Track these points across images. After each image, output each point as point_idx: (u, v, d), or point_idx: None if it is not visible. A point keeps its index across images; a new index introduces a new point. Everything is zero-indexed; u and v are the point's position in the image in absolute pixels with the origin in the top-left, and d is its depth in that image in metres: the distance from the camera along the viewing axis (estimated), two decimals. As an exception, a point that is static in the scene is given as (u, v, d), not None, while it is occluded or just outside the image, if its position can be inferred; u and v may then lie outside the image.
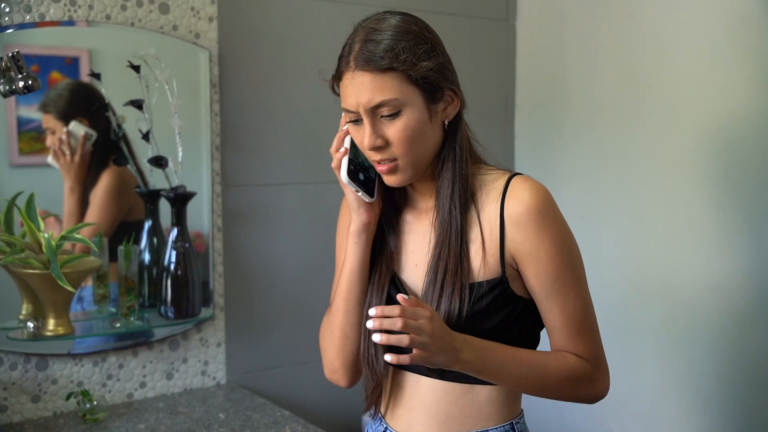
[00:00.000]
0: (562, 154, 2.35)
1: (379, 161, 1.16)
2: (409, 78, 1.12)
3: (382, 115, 1.13)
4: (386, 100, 1.11)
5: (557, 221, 1.17)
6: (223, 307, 2.00)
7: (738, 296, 1.90)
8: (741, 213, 1.89)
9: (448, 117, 1.18)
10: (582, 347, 1.20)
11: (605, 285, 2.22)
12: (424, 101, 1.14)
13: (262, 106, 2.05)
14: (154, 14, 1.85)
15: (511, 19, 2.50)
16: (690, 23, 1.98)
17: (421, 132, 1.14)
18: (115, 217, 1.88)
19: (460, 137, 1.20)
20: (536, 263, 1.16)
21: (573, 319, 1.19)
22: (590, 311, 1.22)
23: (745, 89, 1.88)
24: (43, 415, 1.78)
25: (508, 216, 1.16)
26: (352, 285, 1.25)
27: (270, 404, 1.87)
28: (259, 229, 2.06)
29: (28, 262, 1.62)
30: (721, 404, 1.95)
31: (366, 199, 1.22)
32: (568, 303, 1.18)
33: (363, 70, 1.12)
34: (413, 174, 1.18)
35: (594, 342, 1.22)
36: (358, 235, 1.24)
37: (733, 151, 1.90)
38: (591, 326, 1.22)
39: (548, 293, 1.18)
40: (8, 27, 1.69)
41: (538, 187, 1.17)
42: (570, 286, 1.18)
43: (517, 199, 1.16)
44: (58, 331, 1.69)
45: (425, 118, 1.15)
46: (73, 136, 1.79)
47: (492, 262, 1.17)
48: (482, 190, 1.20)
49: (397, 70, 1.11)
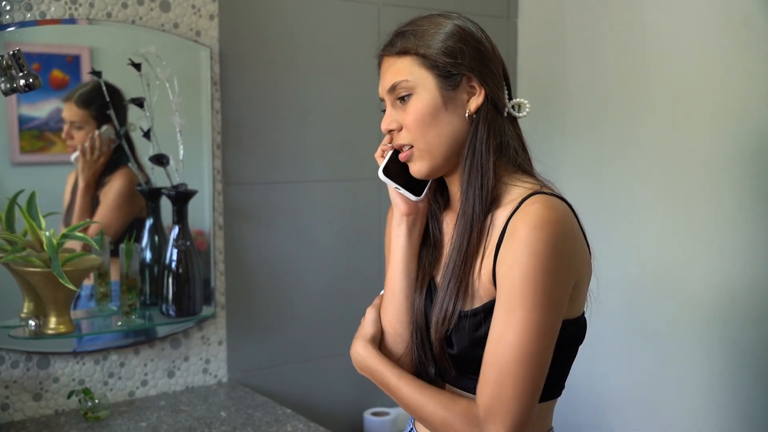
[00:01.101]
0: (563, 152, 2.35)
1: (398, 147, 1.18)
2: (423, 61, 1.14)
3: (398, 97, 1.16)
4: (398, 81, 1.15)
5: (541, 256, 1.05)
6: (224, 305, 2.00)
7: (741, 295, 1.90)
8: (744, 211, 1.89)
9: (470, 109, 1.16)
10: (485, 392, 1.07)
11: (607, 284, 2.22)
12: (438, 86, 1.14)
13: (263, 104, 2.04)
14: (155, 12, 1.85)
15: (513, 16, 2.49)
16: (691, 21, 1.98)
17: (432, 116, 1.14)
18: (125, 219, 1.88)
19: (484, 133, 1.16)
20: (498, 288, 1.09)
21: (498, 359, 1.06)
22: (525, 363, 1.04)
23: (746, 86, 1.88)
24: (45, 414, 1.78)
25: (507, 233, 1.09)
26: (397, 279, 1.24)
27: (271, 402, 1.87)
28: (260, 227, 2.06)
29: (29, 261, 1.62)
30: (723, 402, 1.95)
31: (411, 198, 1.22)
32: (503, 342, 1.05)
33: (384, 55, 1.19)
34: (432, 163, 1.17)
35: (501, 395, 1.05)
36: (398, 227, 1.25)
37: (736, 149, 1.90)
38: (512, 377, 1.05)
39: (493, 321, 1.08)
40: (9, 25, 1.68)
41: (545, 211, 1.07)
42: (514, 326, 1.05)
43: (520, 215, 1.08)
44: (60, 329, 1.69)
45: (438, 103, 1.14)
46: (102, 137, 1.80)
47: (486, 283, 1.12)
48: (502, 205, 1.15)
49: (410, 52, 1.15)
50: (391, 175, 1.21)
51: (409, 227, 1.24)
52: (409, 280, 1.23)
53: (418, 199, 1.22)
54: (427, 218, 1.27)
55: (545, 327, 1.06)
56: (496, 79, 1.18)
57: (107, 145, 1.82)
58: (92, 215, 1.83)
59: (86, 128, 1.80)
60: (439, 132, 1.15)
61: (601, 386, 2.24)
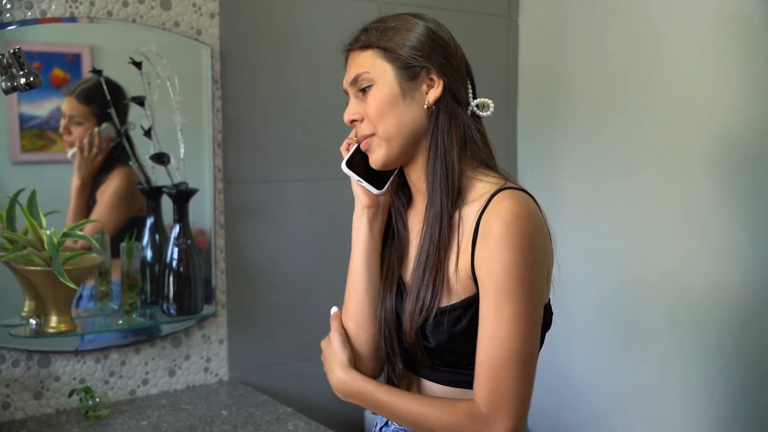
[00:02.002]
0: (564, 150, 2.35)
1: (361, 138, 1.22)
2: (384, 54, 1.18)
3: (359, 89, 1.20)
4: (359, 72, 1.19)
5: (520, 250, 1.08)
6: (225, 303, 2.00)
7: (742, 293, 1.90)
8: (744, 210, 1.89)
9: (429, 100, 1.18)
10: (484, 388, 1.10)
11: (608, 282, 2.22)
12: (397, 77, 1.18)
13: (263, 103, 2.04)
14: (156, 10, 1.85)
15: (513, 15, 2.49)
16: (692, 19, 1.98)
17: (390, 105, 1.18)
18: (122, 218, 1.88)
19: (445, 123, 1.18)
20: (481, 286, 1.11)
21: (492, 355, 1.09)
22: (519, 355, 1.08)
23: (747, 85, 1.87)
24: (46, 412, 1.78)
25: (481, 231, 1.11)
26: (358, 271, 1.28)
27: (272, 401, 1.87)
28: (261, 225, 2.06)
29: (30, 259, 1.62)
30: (724, 401, 1.95)
31: (373, 191, 1.26)
32: (496, 338, 1.08)
33: (349, 50, 1.23)
34: (388, 152, 1.19)
35: (500, 389, 1.09)
36: (358, 219, 1.30)
37: (737, 148, 1.90)
38: (509, 370, 1.08)
39: (482, 320, 1.11)
40: (10, 24, 1.68)
41: (516, 206, 1.10)
42: (505, 321, 1.08)
43: (493, 212, 1.11)
44: (61, 328, 1.69)
45: (396, 93, 1.18)
46: (102, 135, 1.80)
47: (464, 279, 1.14)
48: (469, 200, 1.17)
49: (372, 46, 1.19)
50: (355, 168, 1.25)
51: (370, 220, 1.28)
52: (370, 272, 1.27)
53: (379, 193, 1.26)
54: (390, 216, 1.30)
55: (532, 317, 1.10)
56: (458, 74, 1.21)
57: (106, 144, 1.82)
58: (88, 214, 1.82)
59: (85, 125, 1.80)
60: (397, 120, 1.18)
61: (602, 385, 2.24)
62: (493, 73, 2.45)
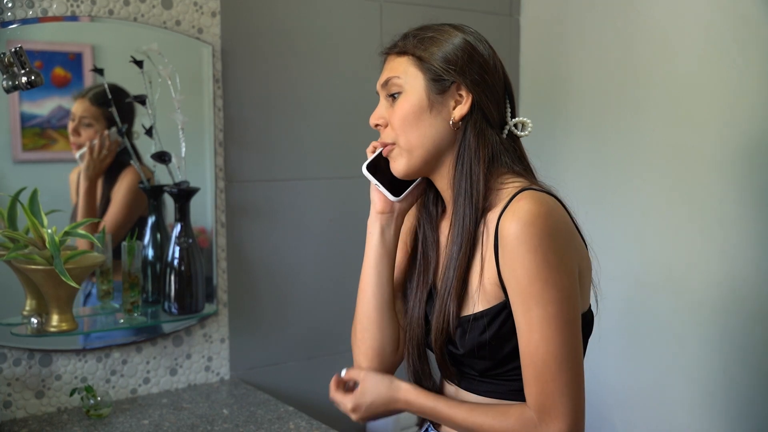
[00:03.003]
0: (565, 149, 2.35)
1: (382, 144, 1.22)
2: (418, 63, 1.17)
3: (389, 94, 1.20)
4: (391, 76, 1.19)
5: (540, 250, 1.06)
6: (226, 302, 2.00)
7: (744, 291, 1.89)
8: (746, 207, 1.88)
9: (454, 116, 1.17)
10: (532, 392, 1.10)
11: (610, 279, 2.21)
12: (426, 89, 1.17)
13: (265, 101, 2.04)
14: (157, 9, 1.85)
15: (515, 13, 2.49)
16: (693, 18, 1.98)
17: (415, 117, 1.17)
18: (135, 216, 1.88)
19: (473, 142, 1.16)
20: (509, 292, 1.10)
21: (532, 360, 1.09)
22: (557, 356, 1.08)
23: (748, 82, 1.87)
24: (47, 411, 1.78)
25: (500, 235, 1.10)
26: (368, 277, 1.28)
27: (274, 400, 1.87)
28: (262, 224, 2.05)
29: (31, 258, 1.62)
30: (725, 399, 1.94)
31: (389, 197, 1.25)
32: (531, 342, 1.08)
33: (387, 53, 1.23)
34: (409, 163, 1.19)
35: (546, 392, 1.09)
36: (372, 224, 1.28)
37: (737, 144, 1.90)
38: (551, 372, 1.08)
39: (517, 326, 1.11)
40: (11, 22, 1.68)
41: (533, 205, 1.08)
42: (536, 324, 1.07)
43: (509, 214, 1.09)
44: (62, 326, 1.69)
45: (424, 105, 1.17)
46: (111, 137, 1.80)
47: (490, 287, 1.13)
48: (492, 208, 1.15)
49: (407, 53, 1.19)
50: (377, 172, 1.24)
51: (382, 226, 1.27)
52: (380, 278, 1.27)
53: (395, 200, 1.25)
54: (423, 225, 1.28)
55: (565, 317, 1.08)
56: (492, 92, 1.18)
57: (115, 146, 1.83)
58: (98, 214, 1.83)
59: (96, 126, 1.81)
60: (420, 133, 1.17)
61: (603, 383, 2.24)
62: (495, 71, 2.45)
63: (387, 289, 1.27)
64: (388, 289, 1.27)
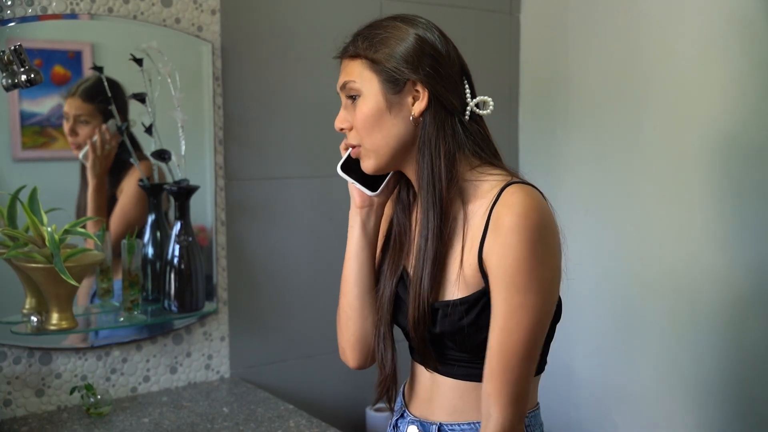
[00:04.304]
0: (565, 147, 2.34)
1: (349, 146, 1.24)
2: (370, 65, 1.19)
3: (348, 96, 1.21)
4: (347, 80, 1.21)
5: (531, 241, 1.10)
6: (226, 300, 2.00)
7: (742, 290, 1.89)
8: (744, 206, 1.88)
9: (414, 113, 1.18)
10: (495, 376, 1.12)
11: (608, 279, 2.22)
12: (382, 90, 1.18)
13: (265, 99, 2.04)
14: (157, 7, 1.85)
15: (515, 11, 2.49)
16: (693, 16, 1.97)
17: (376, 119, 1.19)
18: (143, 213, 1.88)
19: (433, 135, 1.18)
20: (492, 278, 1.13)
21: (502, 347, 1.11)
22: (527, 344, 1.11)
23: (748, 82, 1.87)
24: (47, 409, 1.78)
25: (492, 224, 1.13)
26: (350, 268, 1.32)
27: (274, 398, 1.87)
28: (262, 222, 2.05)
29: (31, 256, 1.62)
30: (724, 398, 1.95)
31: (367, 193, 1.29)
32: (506, 328, 1.11)
33: (341, 57, 1.24)
34: (378, 162, 1.21)
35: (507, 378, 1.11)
36: (352, 218, 1.32)
37: (736, 144, 1.90)
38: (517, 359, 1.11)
39: (493, 311, 1.13)
40: (10, 20, 1.68)
41: (527, 199, 1.12)
42: (515, 312, 1.10)
43: (504, 206, 1.12)
44: (62, 325, 1.68)
45: (381, 107, 1.18)
46: (110, 131, 1.80)
47: (470, 274, 1.16)
48: (474, 201, 1.19)
49: (360, 56, 1.20)
50: (351, 169, 1.27)
51: (363, 220, 1.31)
52: (361, 268, 1.31)
53: (373, 194, 1.29)
54: (396, 212, 1.32)
55: (543, 309, 1.12)
56: (447, 81, 1.19)
57: (116, 139, 1.82)
58: (107, 213, 1.82)
59: (92, 123, 1.80)
60: (384, 134, 1.20)
61: (603, 381, 2.24)
62: (495, 69, 2.45)
63: (368, 279, 1.31)
64: (370, 279, 1.32)
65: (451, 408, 1.24)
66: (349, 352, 1.35)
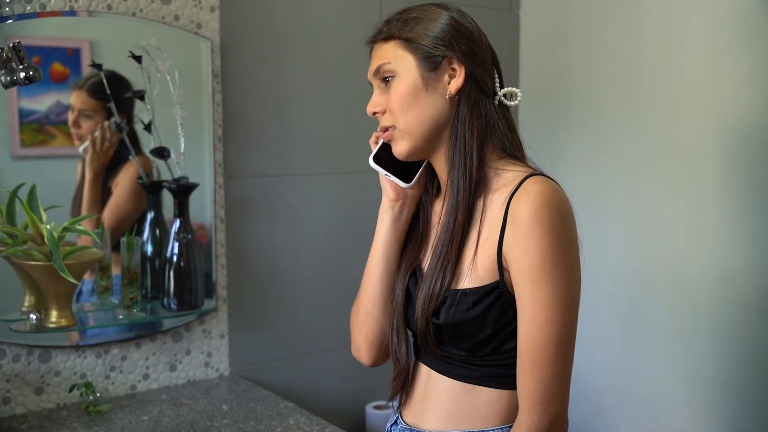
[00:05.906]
0: (566, 145, 2.34)
1: (383, 129, 1.21)
2: (405, 45, 1.18)
3: (382, 79, 1.20)
4: (381, 63, 1.19)
5: (553, 232, 1.07)
6: (226, 298, 2.00)
7: (744, 287, 1.89)
8: (746, 203, 1.88)
9: (451, 90, 1.17)
10: (527, 375, 1.10)
11: (611, 276, 2.21)
12: (418, 68, 1.17)
13: (264, 97, 2.04)
14: (156, 4, 1.84)
15: (515, 9, 2.48)
16: (693, 14, 1.97)
17: (412, 97, 1.17)
18: (138, 209, 1.88)
19: (467, 113, 1.17)
20: (515, 272, 1.10)
21: (533, 342, 1.08)
22: (559, 340, 1.08)
23: (750, 80, 1.87)
24: (46, 407, 1.77)
25: (510, 215, 1.10)
26: (375, 262, 1.28)
27: (273, 396, 1.87)
28: (261, 220, 2.05)
29: (30, 254, 1.62)
30: (725, 396, 1.94)
31: (401, 185, 1.25)
32: (535, 324, 1.08)
33: (373, 42, 1.22)
34: (411, 144, 1.19)
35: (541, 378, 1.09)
36: (384, 212, 1.29)
37: (738, 142, 1.89)
38: (549, 356, 1.08)
39: (520, 308, 1.10)
40: (9, 17, 1.68)
41: (547, 189, 1.10)
42: (543, 305, 1.07)
43: (523, 195, 1.10)
44: (61, 322, 1.68)
45: (418, 84, 1.17)
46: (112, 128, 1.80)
47: (484, 266, 1.13)
48: (495, 188, 1.16)
49: (393, 37, 1.19)
50: (382, 162, 1.24)
51: (396, 213, 1.28)
52: (388, 264, 1.28)
53: (407, 186, 1.25)
54: (424, 205, 1.29)
55: (571, 300, 1.09)
56: (482, 62, 1.20)
57: (116, 137, 1.82)
58: (102, 207, 1.82)
59: (96, 118, 1.80)
60: (419, 113, 1.18)
61: (604, 379, 2.24)
62: (495, 67, 2.45)
63: (394, 275, 1.28)
64: (395, 275, 1.28)
65: (443, 411, 1.21)
66: (365, 349, 1.31)
